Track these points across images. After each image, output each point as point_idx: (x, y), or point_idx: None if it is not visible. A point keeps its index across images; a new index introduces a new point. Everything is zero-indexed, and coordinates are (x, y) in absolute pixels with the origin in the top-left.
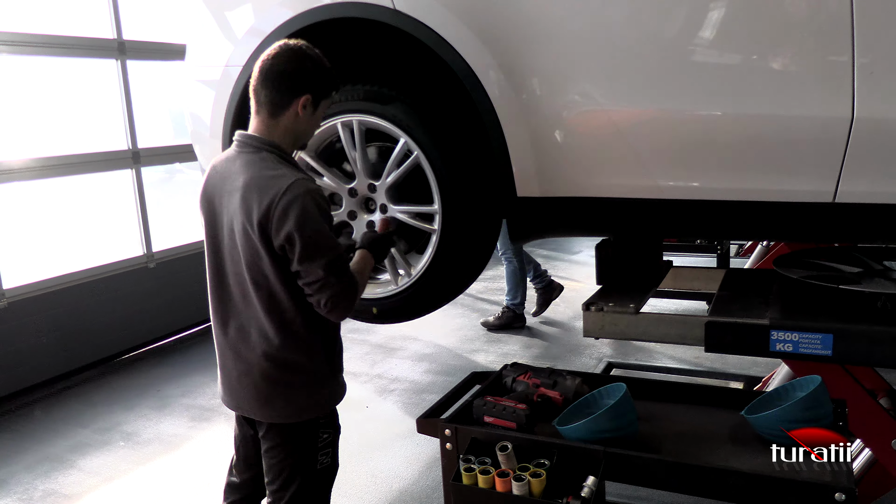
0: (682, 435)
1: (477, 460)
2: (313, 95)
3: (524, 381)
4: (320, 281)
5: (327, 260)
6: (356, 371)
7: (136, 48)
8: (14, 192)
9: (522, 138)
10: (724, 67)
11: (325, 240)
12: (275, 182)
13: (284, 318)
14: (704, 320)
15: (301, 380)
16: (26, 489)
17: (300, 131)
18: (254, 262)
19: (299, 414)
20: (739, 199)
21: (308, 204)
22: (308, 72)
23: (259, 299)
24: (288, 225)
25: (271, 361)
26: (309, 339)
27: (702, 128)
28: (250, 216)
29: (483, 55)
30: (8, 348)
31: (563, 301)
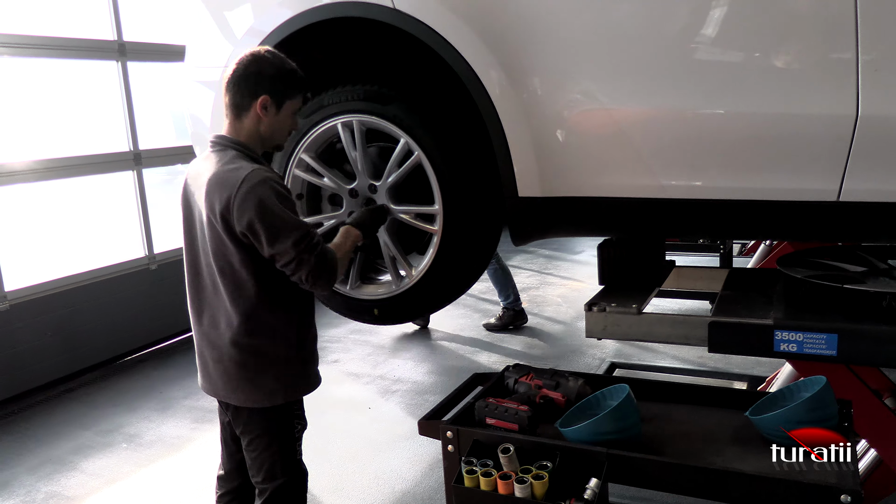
0: (686, 436)
1: (479, 462)
2: (272, 96)
3: (526, 383)
4: (294, 259)
5: (295, 238)
6: (358, 372)
7: (137, 49)
8: (15, 193)
9: (524, 138)
10: (727, 65)
11: (287, 220)
12: (232, 174)
13: (250, 305)
14: (708, 320)
15: (268, 364)
16: (28, 491)
17: (267, 132)
18: (219, 251)
19: (270, 398)
20: (742, 198)
21: (264, 191)
22: (264, 75)
23: (225, 287)
24: (248, 213)
25: (238, 347)
26: (275, 324)
27: (704, 126)
28: (213, 209)
29: (484, 54)
30: (10, 350)
31: (566, 301)
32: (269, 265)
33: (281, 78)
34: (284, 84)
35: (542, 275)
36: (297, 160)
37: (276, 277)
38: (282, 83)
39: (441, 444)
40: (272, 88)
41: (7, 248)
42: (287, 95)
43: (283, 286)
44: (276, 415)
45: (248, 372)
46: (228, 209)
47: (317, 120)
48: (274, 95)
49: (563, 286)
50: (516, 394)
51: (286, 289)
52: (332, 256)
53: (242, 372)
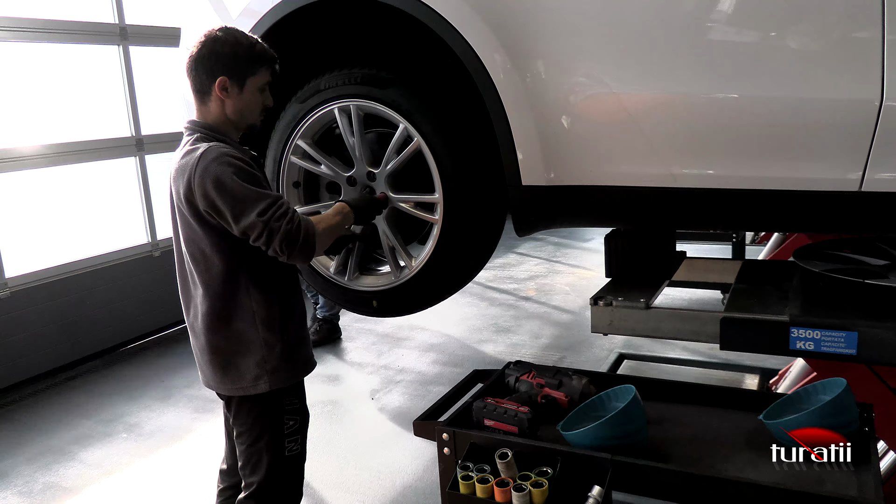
0: (695, 440)
1: (475, 467)
2: (230, 76)
3: (528, 381)
4: (264, 230)
5: (260, 208)
6: (362, 362)
7: (139, 33)
8: (15, 180)
9: (528, 124)
10: (742, 46)
11: (248, 192)
12: (190, 157)
13: (223, 289)
14: (720, 316)
15: (248, 349)
16: (27, 482)
17: (234, 113)
18: (190, 238)
19: (254, 385)
20: (758, 187)
21: (220, 168)
22: (218, 55)
23: (199, 274)
24: (209, 193)
25: (216, 333)
26: (253, 307)
27: (718, 112)
28: (180, 195)
29: (486, 36)
30: (11, 338)
31: (574, 290)
32: (242, 247)
33: (237, 56)
34: (242, 61)
35: (550, 262)
36: (293, 147)
37: (250, 259)
38: (239, 61)
39: (437, 446)
40: (229, 68)
41: (8, 234)
42: (248, 73)
43: (260, 267)
44: (264, 406)
45: (229, 358)
46: (191, 191)
47: (313, 105)
48: (233, 75)
49: (572, 274)
50: (517, 393)
51: (263, 270)
52: (309, 225)
53: (223, 358)
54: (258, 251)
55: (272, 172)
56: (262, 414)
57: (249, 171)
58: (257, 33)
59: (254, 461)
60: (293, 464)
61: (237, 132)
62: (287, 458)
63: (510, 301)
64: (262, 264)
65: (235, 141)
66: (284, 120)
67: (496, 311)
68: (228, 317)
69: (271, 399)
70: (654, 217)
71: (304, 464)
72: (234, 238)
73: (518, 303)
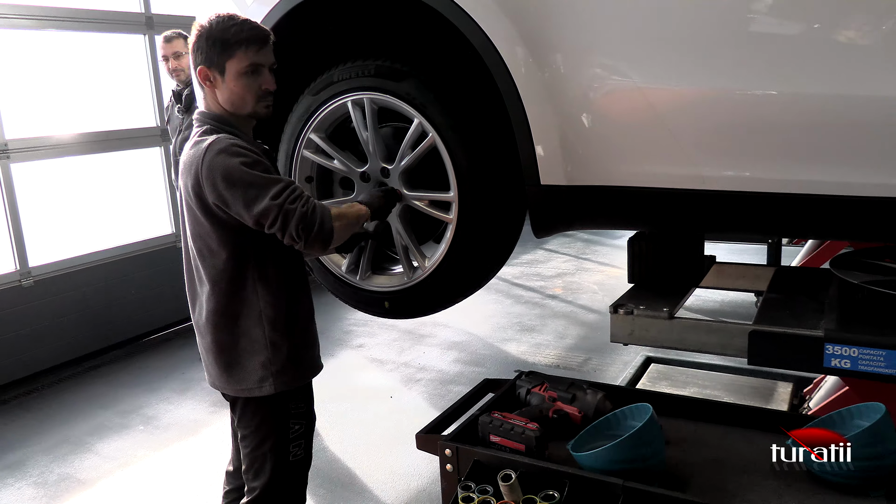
0: (717, 465)
1: (477, 488)
2: (207, 65)
3: (539, 394)
4: (279, 213)
5: (273, 191)
6: (382, 358)
7: (165, 23)
8: (41, 169)
9: (547, 119)
10: (781, 39)
11: (258, 179)
12: (196, 150)
13: (230, 287)
14: (748, 329)
15: (253, 349)
16: (42, 472)
17: (226, 102)
18: (197, 233)
19: (259, 387)
20: (795, 192)
21: (227, 159)
22: (196, 46)
23: (205, 270)
24: (217, 184)
25: (222, 332)
26: (259, 306)
27: (753, 110)
28: (188, 188)
29: (504, 26)
30: (35, 327)
31: (602, 289)
32: (250, 243)
33: (210, 41)
34: (216, 46)
35: (578, 260)
36: (305, 140)
37: (258, 256)
38: (213, 46)
39: (439, 461)
40: (204, 56)
41: (33, 224)
42: (225, 57)
43: (268, 265)
44: (269, 409)
45: (234, 358)
46: (199, 184)
47: (326, 97)
48: (210, 63)
49: (601, 273)
50: (528, 406)
51: (272, 268)
52: (325, 209)
53: (227, 357)
54: (267, 248)
55: (284, 167)
56: (267, 417)
57: (259, 159)
58: (269, 23)
59: (257, 466)
60: (297, 469)
61: (245, 123)
62: (291, 464)
63: (536, 299)
64: (271, 262)
65: (247, 134)
66: (297, 113)
67: (521, 308)
68: (234, 315)
69: (276, 402)
70: (680, 221)
71: (308, 469)
72: (242, 234)
73: (544, 301)
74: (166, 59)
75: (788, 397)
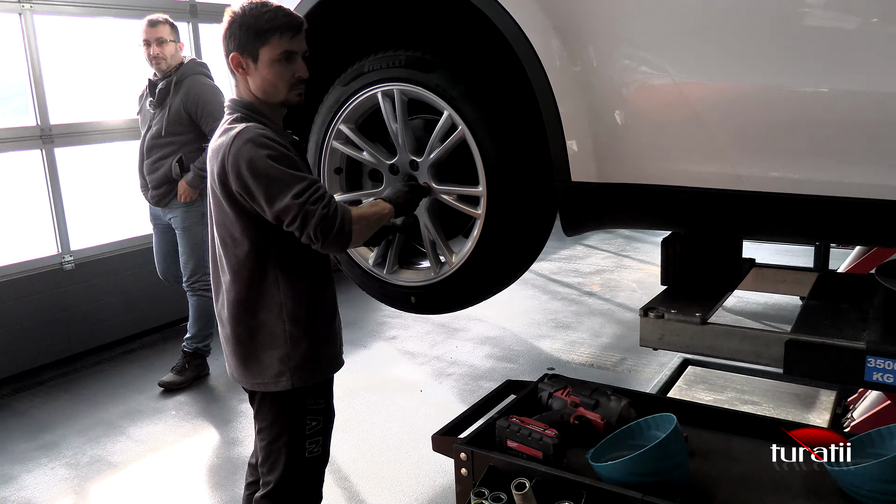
0: (744, 481)
1: (491, 495)
2: (240, 52)
3: (561, 398)
4: (299, 213)
5: (295, 190)
6: (414, 351)
7: (208, 11)
8: (82, 154)
9: (579, 113)
10: (833, 32)
11: (283, 174)
12: (224, 137)
13: (251, 278)
14: (785, 338)
15: (272, 343)
16: (75, 454)
17: (258, 89)
18: (221, 221)
19: (276, 381)
20: (839, 195)
21: (254, 150)
22: (229, 31)
23: (227, 260)
24: (242, 174)
25: (242, 323)
26: (280, 299)
27: (800, 107)
28: (214, 176)
29: (537, 16)
30: (75, 310)
31: (641, 287)
32: (273, 234)
33: (243, 27)
34: (249, 32)
35: (618, 257)
36: (335, 131)
37: (281, 248)
38: (246, 33)
39: (454, 465)
40: (237, 43)
41: (75, 207)
42: (258, 44)
43: (291, 257)
44: (286, 404)
45: (251, 350)
46: (224, 172)
47: (356, 88)
48: (242, 50)
49: (640, 270)
50: (549, 411)
51: (295, 260)
52: (346, 212)
53: (246, 350)
54: (290, 240)
55: (314, 157)
56: (284, 412)
57: (286, 153)
58: (301, 10)
59: (272, 460)
60: (313, 466)
61: (275, 112)
62: (307, 460)
63: (573, 295)
64: (294, 254)
65: (277, 123)
66: (327, 103)
67: (557, 305)
68: (254, 307)
69: (294, 397)
70: (715, 222)
71: (325, 466)
72: (265, 224)
73: (581, 298)
74: (147, 43)
75: (831, 406)
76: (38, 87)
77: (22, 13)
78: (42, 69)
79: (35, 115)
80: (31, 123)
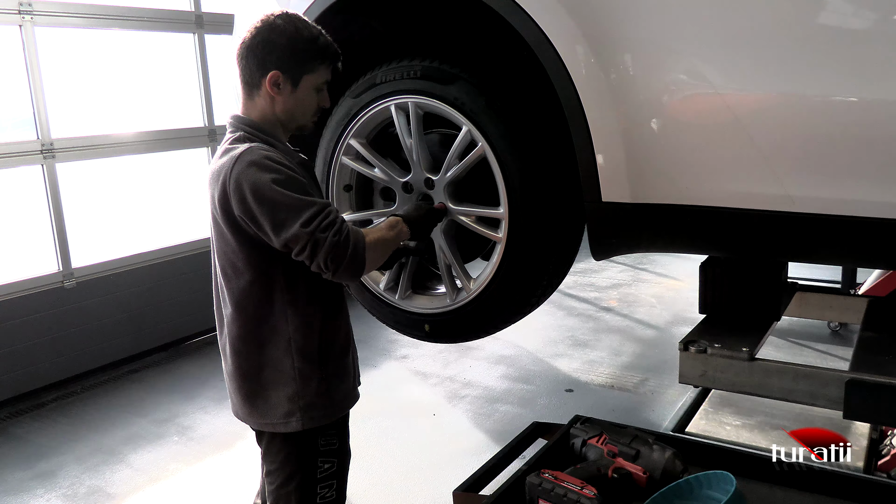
0: None
1: None
2: (284, 72)
3: (597, 447)
4: (308, 242)
5: (304, 217)
6: (426, 371)
7: (215, 21)
8: (85, 168)
9: (611, 128)
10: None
11: (290, 200)
12: (225, 158)
13: (256, 311)
14: (846, 377)
15: (281, 381)
16: (72, 484)
17: (283, 113)
18: (222, 249)
19: (286, 422)
20: None
21: (258, 174)
22: (274, 45)
23: (229, 291)
24: (246, 199)
25: (247, 359)
26: (286, 333)
27: (859, 121)
28: (214, 200)
29: (563, 22)
30: (76, 329)
31: (661, 302)
32: (279, 263)
33: (295, 48)
34: (300, 56)
35: (635, 270)
36: (345, 146)
37: (288, 277)
38: (296, 55)
39: None
40: (284, 62)
41: (77, 224)
42: (304, 70)
43: (299, 287)
44: (296, 445)
45: (259, 389)
46: (226, 196)
47: (368, 100)
48: (287, 70)
49: (659, 284)
50: (584, 462)
51: (303, 290)
52: (359, 237)
53: (252, 388)
54: (299, 269)
55: (322, 174)
56: (293, 454)
57: (292, 175)
58: (310, 16)
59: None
60: None
61: (286, 132)
62: None
63: (590, 311)
64: (303, 283)
65: (283, 142)
66: (337, 116)
67: (574, 321)
68: (261, 342)
69: (305, 438)
70: (763, 246)
71: None
72: (271, 252)
73: (598, 314)
74: None
75: (867, 431)
76: (38, 100)
77: (23, 25)
78: (43, 82)
79: (36, 129)
80: (31, 138)
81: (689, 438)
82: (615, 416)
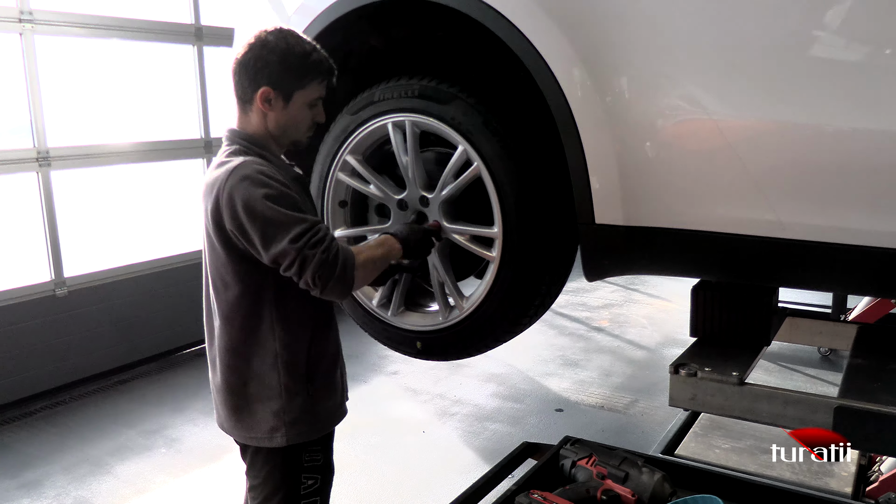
0: None
1: None
2: (275, 87)
3: (587, 469)
4: (297, 258)
5: (293, 234)
6: (417, 387)
7: (214, 34)
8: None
9: (605, 150)
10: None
11: (281, 215)
12: (220, 171)
13: (244, 324)
14: (834, 404)
15: (266, 395)
16: (58, 494)
17: (276, 128)
18: (212, 262)
19: (270, 437)
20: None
21: (250, 189)
22: (265, 62)
23: (218, 304)
24: (238, 213)
25: (234, 373)
26: (274, 348)
27: (852, 149)
28: (207, 214)
29: (560, 44)
30: (67, 338)
31: (652, 323)
32: (269, 278)
33: (286, 65)
34: (291, 72)
35: (627, 290)
36: (341, 162)
37: (277, 293)
38: (288, 71)
39: None
40: (275, 78)
41: (69, 233)
42: (296, 86)
43: (288, 303)
44: (280, 461)
45: (244, 403)
46: (218, 209)
47: (365, 118)
48: (278, 86)
49: (650, 305)
50: (572, 483)
51: (292, 306)
52: (348, 255)
53: (238, 401)
54: (288, 284)
55: (317, 189)
56: (277, 469)
57: (285, 191)
58: (311, 33)
59: None
60: None
61: (280, 147)
62: None
63: (581, 331)
64: (293, 299)
65: (277, 156)
66: (333, 132)
67: (565, 341)
68: (247, 356)
69: (289, 454)
70: (754, 272)
71: None
72: (260, 267)
73: (589, 333)
74: None
75: (856, 457)
76: (36, 108)
77: (23, 33)
78: (41, 90)
79: (32, 137)
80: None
81: (679, 461)
82: (605, 437)
